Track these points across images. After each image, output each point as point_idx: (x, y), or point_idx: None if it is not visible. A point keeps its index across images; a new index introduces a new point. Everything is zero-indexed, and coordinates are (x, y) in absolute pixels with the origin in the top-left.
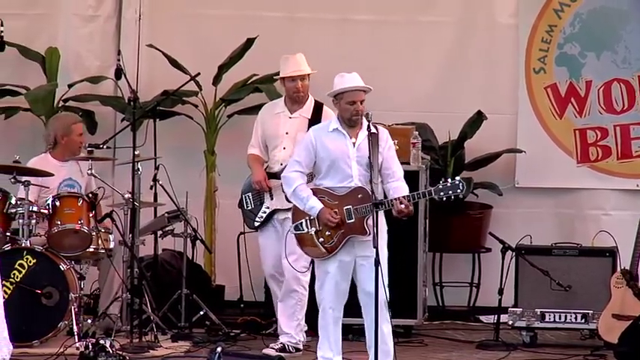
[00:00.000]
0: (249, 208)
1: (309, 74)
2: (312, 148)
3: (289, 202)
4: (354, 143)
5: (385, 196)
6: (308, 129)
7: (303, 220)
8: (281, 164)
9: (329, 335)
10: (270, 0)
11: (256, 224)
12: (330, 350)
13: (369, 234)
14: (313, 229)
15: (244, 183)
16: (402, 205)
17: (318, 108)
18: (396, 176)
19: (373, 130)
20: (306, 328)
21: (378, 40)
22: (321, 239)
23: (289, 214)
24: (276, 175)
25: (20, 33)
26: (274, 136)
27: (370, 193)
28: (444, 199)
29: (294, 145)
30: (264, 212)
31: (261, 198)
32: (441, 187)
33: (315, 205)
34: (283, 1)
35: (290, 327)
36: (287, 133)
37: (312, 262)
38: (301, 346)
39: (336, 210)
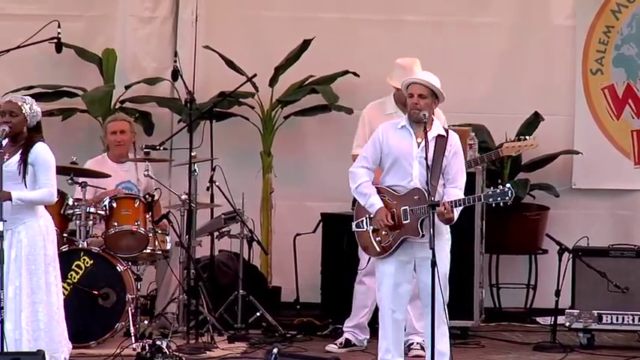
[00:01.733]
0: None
1: None
2: (378, 144)
3: None
4: (419, 143)
5: None
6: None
7: (364, 218)
8: None
9: (388, 336)
10: (326, 1)
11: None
12: (388, 352)
13: (422, 236)
14: (372, 227)
15: None
16: (442, 208)
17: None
18: (455, 183)
19: (443, 132)
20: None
21: (433, 41)
22: (378, 238)
23: None
24: None
25: (78, 34)
26: None
27: (427, 194)
28: (493, 205)
29: None
30: None
31: None
32: (490, 193)
33: (374, 202)
34: (338, 3)
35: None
36: None
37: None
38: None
39: (394, 211)
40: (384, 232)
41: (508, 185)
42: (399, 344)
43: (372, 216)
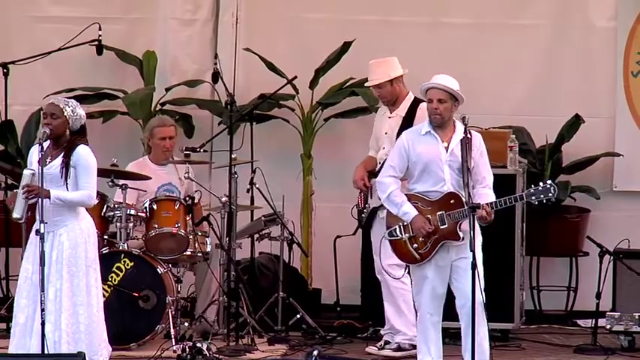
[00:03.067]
0: (360, 207)
1: (391, 80)
2: (404, 152)
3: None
4: (446, 147)
5: None
6: (401, 127)
7: (397, 227)
8: (379, 163)
9: (428, 340)
10: (366, 3)
11: (362, 223)
12: (429, 355)
13: (462, 238)
14: (407, 235)
15: None
16: (483, 212)
17: (413, 106)
18: (485, 183)
19: (466, 134)
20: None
21: (473, 43)
22: (415, 245)
23: (382, 214)
24: (376, 174)
25: (118, 37)
26: (379, 137)
27: (463, 197)
28: (536, 202)
29: (391, 145)
30: (367, 211)
31: (367, 197)
32: (532, 191)
33: (409, 211)
34: (379, 5)
35: (401, 324)
36: (386, 133)
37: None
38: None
39: (429, 217)
40: (421, 239)
41: (549, 182)
42: (438, 347)
43: (405, 224)
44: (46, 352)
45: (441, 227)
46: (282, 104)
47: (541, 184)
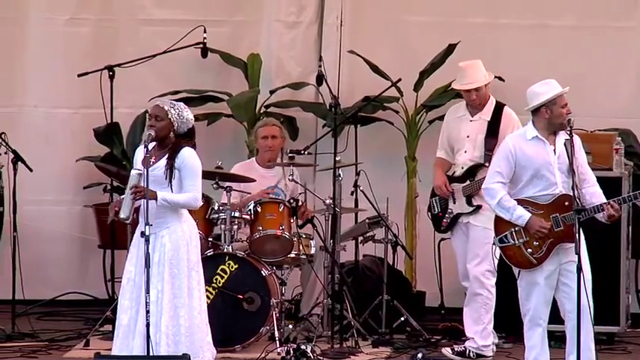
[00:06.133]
0: (436, 212)
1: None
2: (511, 157)
3: (469, 205)
4: (554, 150)
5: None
6: (487, 131)
7: (508, 232)
8: (462, 167)
9: (536, 345)
10: (471, 6)
11: (442, 228)
12: None
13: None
14: (520, 240)
15: (432, 187)
16: (613, 210)
17: (498, 109)
18: (592, 181)
19: (567, 136)
20: (492, 335)
21: (577, 46)
22: (530, 250)
23: (469, 218)
24: (458, 179)
25: (223, 39)
26: (457, 140)
27: (572, 199)
28: None
29: (474, 149)
30: (449, 216)
31: (447, 202)
32: None
33: (522, 214)
34: (484, 7)
35: (474, 332)
36: (468, 137)
37: (498, 266)
38: (487, 352)
39: (543, 219)
40: (535, 243)
41: None
42: (545, 353)
43: (516, 229)
44: (150, 353)
45: (556, 230)
46: (386, 106)
47: None
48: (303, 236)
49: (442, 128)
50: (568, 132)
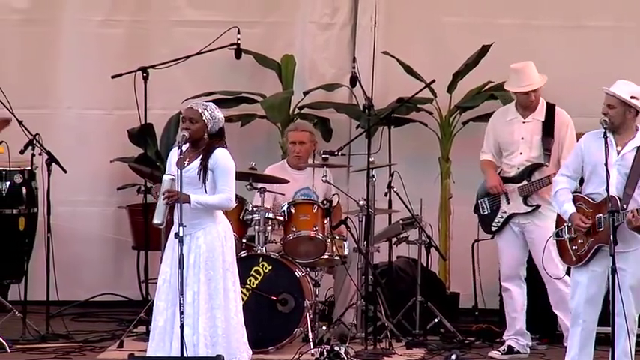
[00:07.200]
0: (486, 213)
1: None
2: (580, 153)
3: (527, 206)
4: (618, 151)
5: None
6: (542, 132)
7: (564, 227)
8: (518, 169)
9: (575, 346)
10: (506, 7)
11: (493, 229)
12: None
13: (616, 243)
14: (569, 235)
15: (479, 188)
16: (630, 215)
17: (550, 109)
18: None
19: None
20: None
21: (614, 47)
22: (574, 247)
23: (528, 219)
24: (512, 180)
25: (257, 41)
26: (509, 143)
27: (617, 201)
28: None
29: (530, 150)
30: (502, 217)
31: (498, 203)
32: None
33: (567, 209)
34: (519, 8)
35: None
36: (522, 139)
37: (532, 268)
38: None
39: (589, 216)
40: (580, 241)
41: None
42: (587, 355)
43: (569, 225)
44: (185, 355)
45: (599, 230)
46: (420, 108)
47: None
48: (337, 237)
49: (487, 132)
50: (603, 134)
